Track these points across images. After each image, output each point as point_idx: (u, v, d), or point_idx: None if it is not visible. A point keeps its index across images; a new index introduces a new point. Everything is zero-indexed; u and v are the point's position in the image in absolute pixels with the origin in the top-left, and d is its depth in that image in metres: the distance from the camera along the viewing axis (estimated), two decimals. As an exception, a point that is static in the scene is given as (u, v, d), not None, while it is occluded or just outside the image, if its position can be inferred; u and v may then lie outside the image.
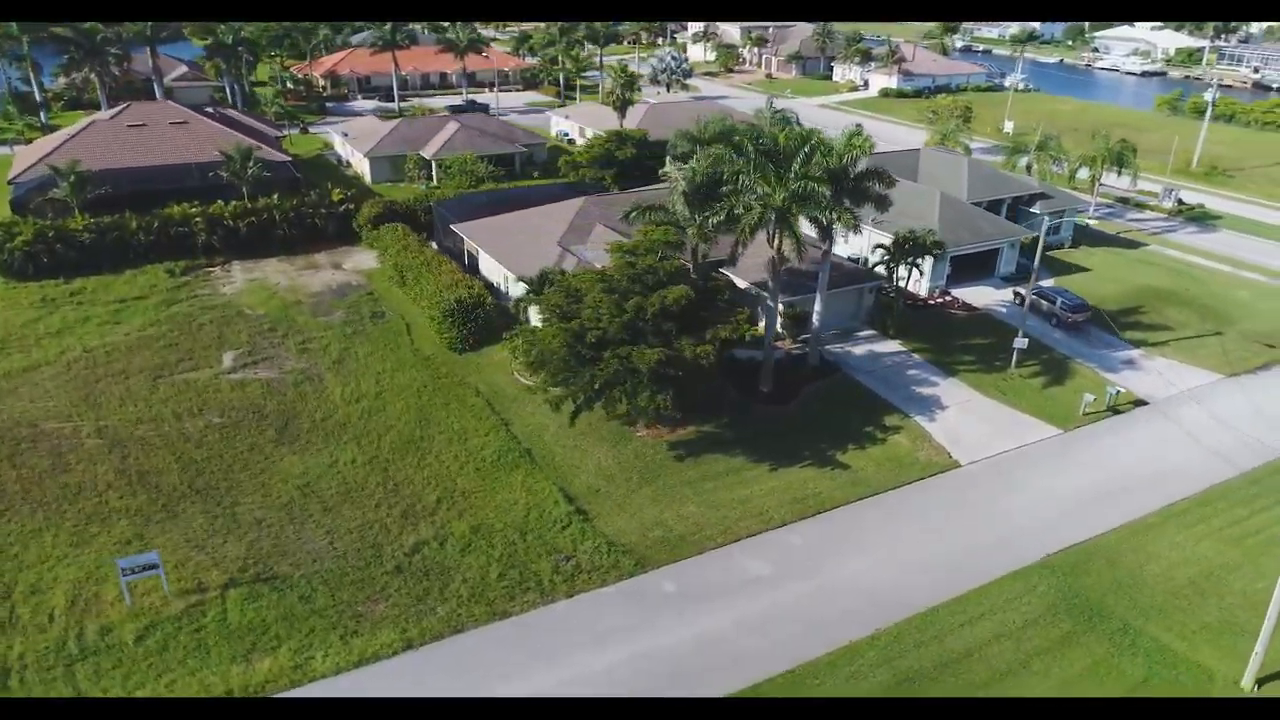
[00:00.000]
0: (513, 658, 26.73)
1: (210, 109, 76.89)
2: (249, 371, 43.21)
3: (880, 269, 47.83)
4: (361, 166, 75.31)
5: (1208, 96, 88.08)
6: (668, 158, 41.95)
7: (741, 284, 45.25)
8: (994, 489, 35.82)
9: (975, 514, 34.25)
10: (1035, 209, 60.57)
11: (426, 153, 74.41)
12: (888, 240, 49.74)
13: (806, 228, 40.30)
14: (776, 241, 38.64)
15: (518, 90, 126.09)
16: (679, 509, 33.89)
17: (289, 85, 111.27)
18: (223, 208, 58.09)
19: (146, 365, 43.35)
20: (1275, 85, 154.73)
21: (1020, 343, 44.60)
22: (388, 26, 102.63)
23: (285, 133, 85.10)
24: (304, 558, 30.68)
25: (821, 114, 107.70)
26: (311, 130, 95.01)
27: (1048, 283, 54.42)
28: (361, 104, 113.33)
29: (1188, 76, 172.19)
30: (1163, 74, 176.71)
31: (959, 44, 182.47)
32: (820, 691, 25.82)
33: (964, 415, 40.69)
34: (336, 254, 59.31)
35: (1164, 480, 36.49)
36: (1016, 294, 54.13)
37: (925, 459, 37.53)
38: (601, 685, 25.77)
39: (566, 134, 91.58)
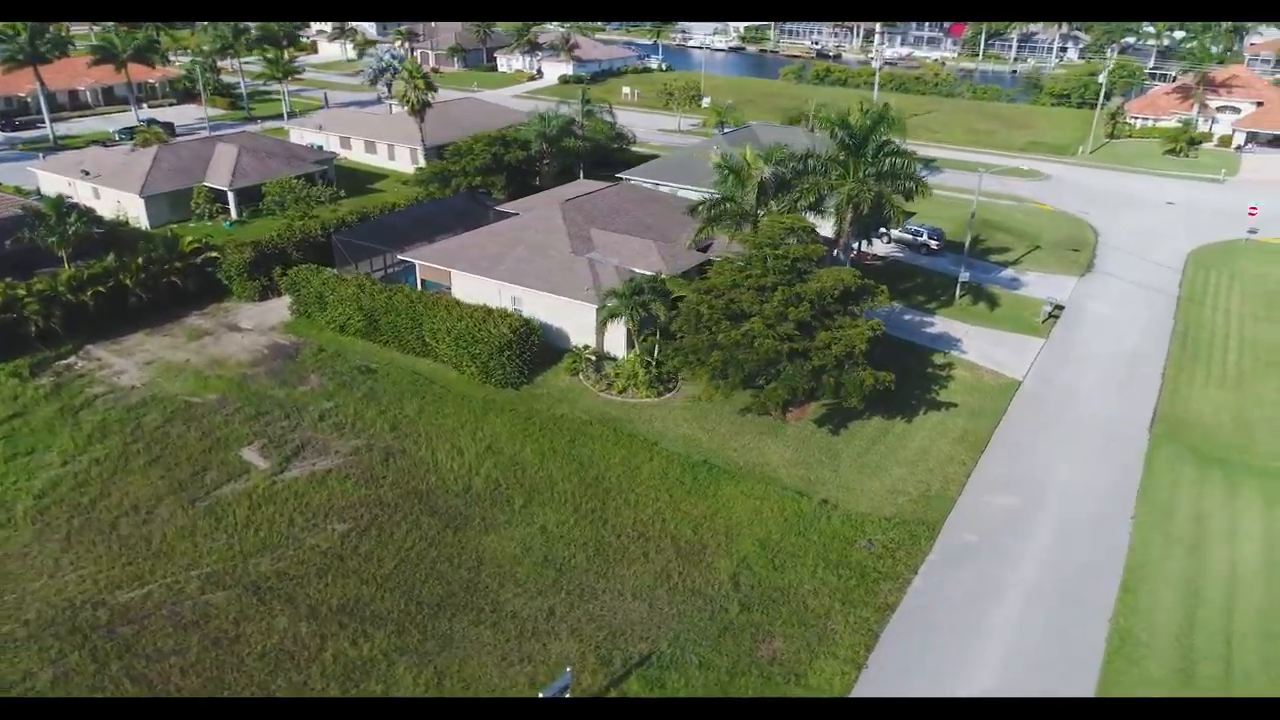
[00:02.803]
0: (949, 642, 27.21)
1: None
2: (304, 465, 34.98)
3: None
4: (132, 208, 60.62)
5: (874, 66, 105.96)
6: (715, 150, 42.05)
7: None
8: (1056, 393, 42.88)
9: (1070, 415, 40.87)
10: (860, 167, 69.79)
11: (218, 182, 62.48)
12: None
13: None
14: (850, 217, 41.37)
15: (171, 104, 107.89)
16: (889, 474, 35.74)
17: None
18: (53, 281, 44.13)
19: (156, 492, 32.91)
20: (831, 54, 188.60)
21: (964, 275, 52.80)
22: (24, 36, 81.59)
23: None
24: (647, 628, 27.29)
25: (534, 105, 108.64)
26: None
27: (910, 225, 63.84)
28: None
29: (762, 50, 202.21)
30: (741, 49, 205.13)
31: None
32: (1161, 562, 30.35)
33: (977, 342, 47.36)
34: (215, 314, 48.50)
35: (1138, 358, 46.72)
36: (884, 234, 62.88)
37: (995, 384, 43.46)
38: (1053, 630, 27.59)
39: (321, 147, 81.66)
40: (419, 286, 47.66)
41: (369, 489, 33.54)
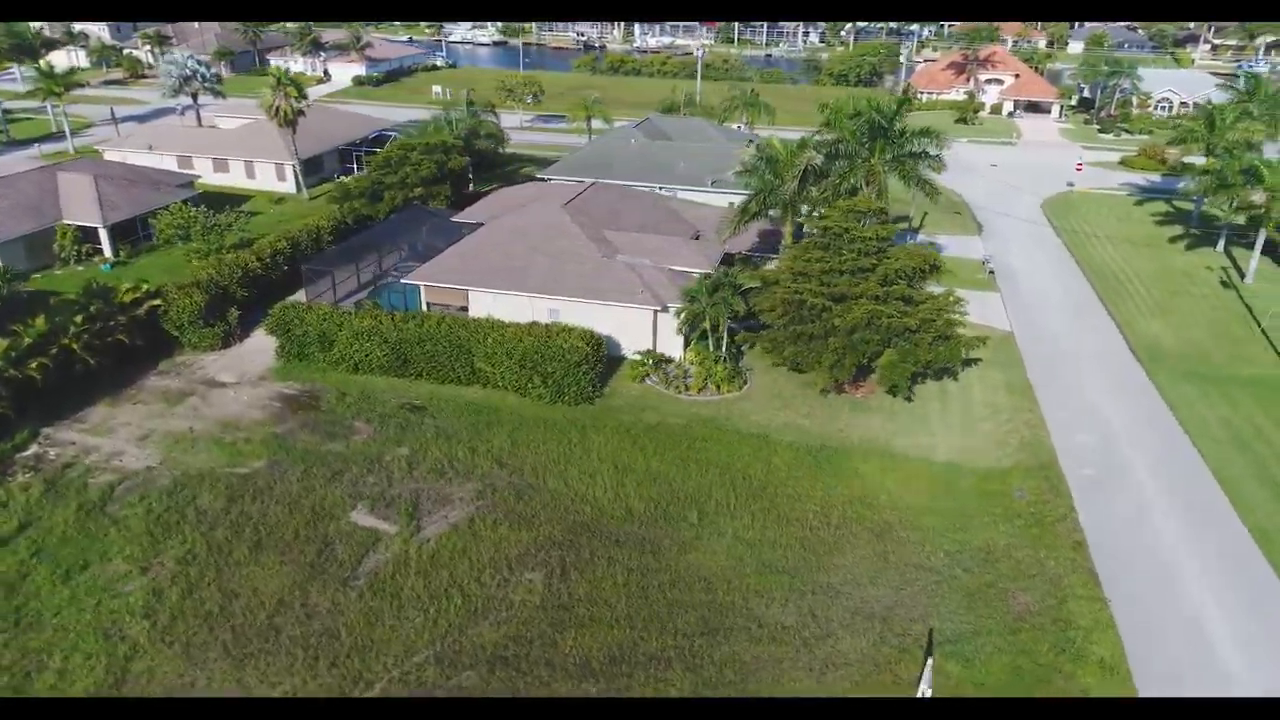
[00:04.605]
0: (1150, 563, 30.20)
1: None
2: (437, 520, 31.34)
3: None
4: (-22, 259, 49.43)
5: (696, 54, 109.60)
6: (750, 143, 42.26)
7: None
8: (1045, 338, 48.01)
9: (1068, 354, 46.01)
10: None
11: (86, 219, 52.78)
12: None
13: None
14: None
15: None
16: (979, 429, 38.48)
17: None
18: (-13, 355, 35.49)
19: (291, 580, 28.15)
20: (598, 46, 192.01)
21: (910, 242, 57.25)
22: None
23: None
24: (907, 610, 27.76)
25: (362, 111, 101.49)
26: None
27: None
28: None
29: (527, 44, 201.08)
30: (504, 43, 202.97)
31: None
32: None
33: (952, 302, 51.73)
34: (178, 371, 41.54)
35: (1078, 299, 53.59)
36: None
37: (994, 337, 47.67)
38: (1209, 536, 31.35)
39: (151, 170, 70.84)
40: (423, 308, 43.71)
41: (530, 531, 30.76)
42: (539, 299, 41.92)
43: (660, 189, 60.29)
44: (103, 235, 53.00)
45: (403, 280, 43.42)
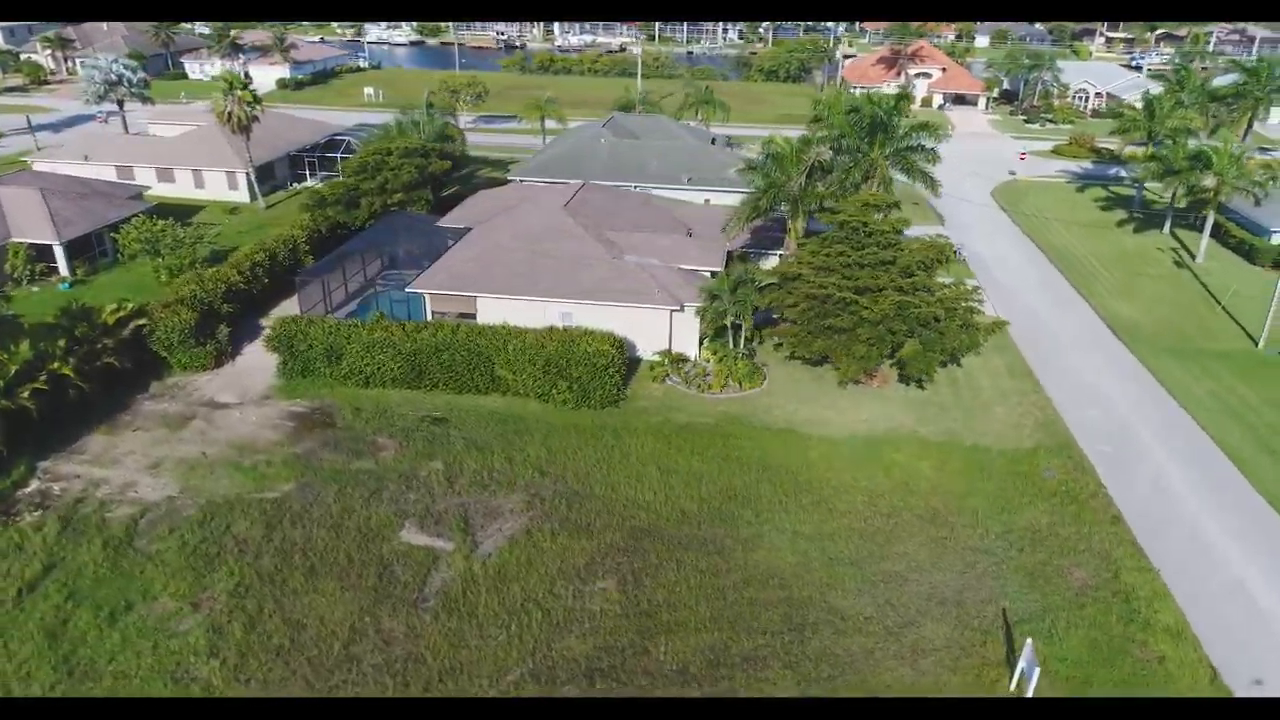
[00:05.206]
0: (1183, 532, 31.67)
1: None
2: (493, 533, 30.54)
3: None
4: (-75, 284, 45.70)
5: (636, 53, 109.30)
6: (714, 140, 42.25)
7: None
8: (1030, 321, 49.64)
9: (1056, 335, 47.90)
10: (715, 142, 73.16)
11: (39, 235, 49.40)
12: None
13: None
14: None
15: None
16: (993, 412, 39.63)
17: None
18: (-24, 386, 32.82)
19: (357, 607, 27.08)
20: (519, 45, 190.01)
21: (886, 235, 58.52)
22: None
23: None
24: (975, 593, 28.42)
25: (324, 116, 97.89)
26: None
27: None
28: None
29: (444, 43, 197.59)
30: (421, 42, 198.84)
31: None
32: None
33: (936, 291, 53.20)
34: (172, 394, 39.41)
35: (1048, 283, 55.90)
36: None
37: (986, 321, 49.20)
38: (1229, 504, 33.07)
39: (88, 181, 66.64)
40: (427, 315, 42.52)
41: (590, 538, 30.26)
42: (551, 303, 41.25)
43: (635, 187, 60.03)
44: (58, 253, 49.65)
45: (407, 288, 42.03)
